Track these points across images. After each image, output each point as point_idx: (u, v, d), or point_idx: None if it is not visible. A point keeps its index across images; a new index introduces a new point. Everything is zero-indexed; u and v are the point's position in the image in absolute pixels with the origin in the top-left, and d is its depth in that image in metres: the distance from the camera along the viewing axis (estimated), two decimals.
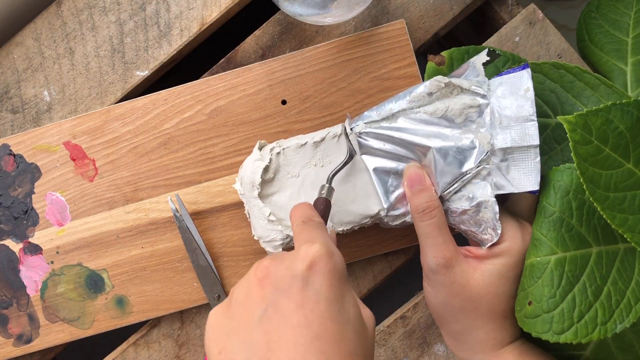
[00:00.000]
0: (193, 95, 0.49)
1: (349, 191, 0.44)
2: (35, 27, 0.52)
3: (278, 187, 0.44)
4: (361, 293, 0.50)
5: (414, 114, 0.42)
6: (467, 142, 0.41)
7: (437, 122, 0.42)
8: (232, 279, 0.49)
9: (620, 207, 0.37)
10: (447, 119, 0.42)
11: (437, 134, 0.42)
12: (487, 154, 0.41)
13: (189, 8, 0.51)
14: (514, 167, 0.41)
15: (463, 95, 0.42)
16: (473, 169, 0.41)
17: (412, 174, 0.42)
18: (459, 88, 0.42)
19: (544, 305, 0.39)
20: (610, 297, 0.38)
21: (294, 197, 0.44)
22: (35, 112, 0.52)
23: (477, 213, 0.41)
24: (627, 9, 0.49)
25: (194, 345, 0.51)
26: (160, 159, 0.50)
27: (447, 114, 0.42)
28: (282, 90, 0.49)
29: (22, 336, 0.50)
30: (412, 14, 0.51)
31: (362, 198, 0.44)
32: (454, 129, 0.42)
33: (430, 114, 0.42)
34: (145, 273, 0.49)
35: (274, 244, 0.44)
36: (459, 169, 0.41)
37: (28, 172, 0.50)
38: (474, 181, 0.42)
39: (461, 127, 0.42)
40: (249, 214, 0.45)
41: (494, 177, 0.42)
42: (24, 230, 0.50)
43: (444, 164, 0.41)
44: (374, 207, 0.44)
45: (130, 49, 0.52)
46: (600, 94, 0.44)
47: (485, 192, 0.41)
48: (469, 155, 0.41)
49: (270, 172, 0.44)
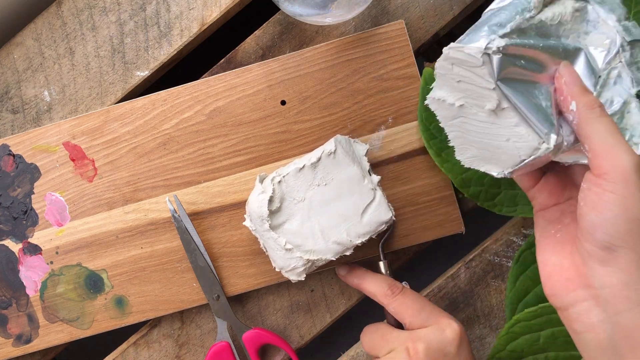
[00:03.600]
0: (192, 96, 0.49)
1: (355, 202, 0.44)
2: (36, 27, 0.52)
3: (287, 215, 0.45)
4: (361, 294, 0.50)
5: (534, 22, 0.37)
6: (588, 45, 0.38)
7: (553, 31, 0.38)
8: (231, 279, 0.49)
9: None
10: (562, 23, 0.38)
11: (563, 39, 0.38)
12: (618, 50, 0.38)
13: (189, 8, 0.51)
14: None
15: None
16: (602, 70, 0.38)
17: (572, 71, 0.36)
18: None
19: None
20: None
21: (305, 221, 0.44)
22: (36, 112, 0.52)
23: (620, 121, 0.37)
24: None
25: (194, 346, 0.51)
26: (159, 159, 0.49)
27: (562, 19, 0.38)
28: (282, 90, 0.49)
29: (22, 336, 0.50)
30: (412, 14, 0.51)
31: (373, 207, 0.44)
32: (569, 35, 0.38)
33: (550, 20, 0.37)
34: (144, 273, 0.49)
35: (297, 271, 0.45)
36: (592, 75, 0.38)
37: (27, 173, 0.50)
38: (606, 86, 0.38)
39: (573, 33, 0.38)
40: (265, 247, 0.46)
41: (629, 75, 0.38)
42: (23, 231, 0.50)
43: (584, 69, 0.37)
44: (534, 143, 0.35)
45: (130, 49, 0.52)
46: None
47: (624, 90, 0.37)
48: (595, 58, 0.38)
49: (276, 202, 0.44)
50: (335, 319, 0.51)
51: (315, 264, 0.45)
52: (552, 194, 0.40)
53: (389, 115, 0.49)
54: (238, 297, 0.51)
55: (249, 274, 0.49)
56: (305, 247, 0.44)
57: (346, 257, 0.47)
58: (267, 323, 0.51)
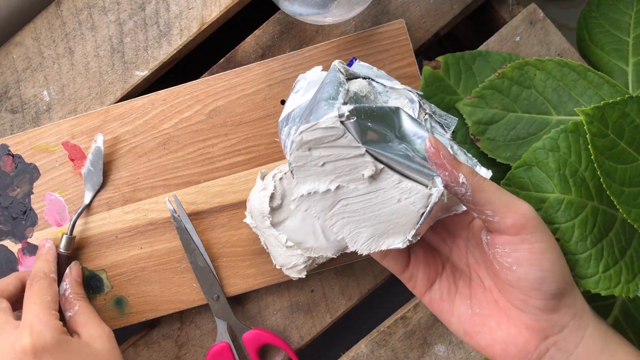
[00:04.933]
0: (192, 95, 0.49)
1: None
2: (35, 27, 0.52)
3: (288, 212, 0.44)
4: (362, 294, 0.50)
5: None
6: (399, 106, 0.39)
7: (366, 101, 0.38)
8: (231, 279, 0.49)
9: (635, 202, 0.36)
10: (367, 96, 0.39)
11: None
12: (420, 104, 0.39)
13: (188, 8, 0.51)
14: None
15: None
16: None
17: (442, 144, 0.34)
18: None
19: (572, 246, 0.37)
20: (633, 261, 0.38)
21: (306, 218, 0.44)
22: (35, 112, 0.52)
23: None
24: (627, 8, 0.48)
25: (194, 346, 0.51)
26: (159, 159, 0.49)
27: (366, 93, 0.39)
28: (282, 90, 0.49)
29: None
30: (412, 14, 0.51)
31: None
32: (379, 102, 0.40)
33: (359, 91, 0.38)
34: (144, 273, 0.49)
35: (298, 269, 0.45)
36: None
37: (27, 173, 0.50)
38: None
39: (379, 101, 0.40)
40: (266, 245, 0.46)
41: (437, 123, 0.39)
42: (22, 231, 0.50)
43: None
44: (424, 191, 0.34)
45: (129, 49, 0.51)
46: (604, 93, 0.43)
47: (442, 137, 0.39)
48: (411, 114, 0.38)
49: (277, 199, 0.44)
50: (335, 319, 0.51)
51: (316, 261, 0.45)
52: (428, 265, 0.39)
53: None
54: (238, 297, 0.50)
55: (249, 274, 0.49)
56: (306, 245, 0.44)
57: (347, 254, 0.47)
58: (267, 323, 0.51)
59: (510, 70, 0.45)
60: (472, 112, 0.45)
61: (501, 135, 0.45)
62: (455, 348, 0.49)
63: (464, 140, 0.46)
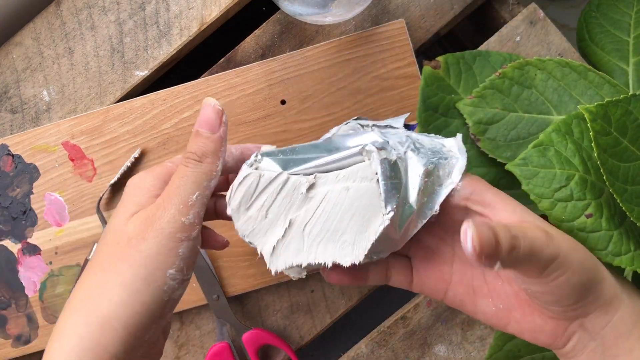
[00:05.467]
0: (192, 95, 0.49)
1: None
2: (35, 27, 0.52)
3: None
4: (362, 294, 0.50)
5: None
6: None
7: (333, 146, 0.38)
8: (231, 279, 0.49)
9: (637, 200, 0.36)
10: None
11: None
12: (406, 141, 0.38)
13: (188, 7, 0.51)
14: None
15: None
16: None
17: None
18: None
19: (604, 223, 0.36)
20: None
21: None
22: (35, 112, 0.52)
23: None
24: (627, 8, 0.48)
25: (194, 346, 0.51)
26: (158, 159, 0.49)
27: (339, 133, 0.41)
28: (282, 90, 0.49)
29: (21, 337, 0.50)
30: (412, 14, 0.51)
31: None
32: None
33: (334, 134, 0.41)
34: None
35: (297, 269, 0.44)
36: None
37: (27, 173, 0.50)
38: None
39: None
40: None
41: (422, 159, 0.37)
42: (22, 231, 0.50)
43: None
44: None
45: (129, 49, 0.51)
46: (604, 93, 0.43)
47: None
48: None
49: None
50: (335, 319, 0.51)
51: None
52: (433, 275, 0.38)
53: (389, 115, 0.49)
54: (238, 297, 0.50)
55: (249, 274, 0.49)
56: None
57: None
58: (267, 323, 0.51)
59: (510, 70, 0.45)
60: (472, 112, 0.45)
61: (502, 135, 0.45)
62: (455, 348, 0.49)
63: (464, 140, 0.46)
